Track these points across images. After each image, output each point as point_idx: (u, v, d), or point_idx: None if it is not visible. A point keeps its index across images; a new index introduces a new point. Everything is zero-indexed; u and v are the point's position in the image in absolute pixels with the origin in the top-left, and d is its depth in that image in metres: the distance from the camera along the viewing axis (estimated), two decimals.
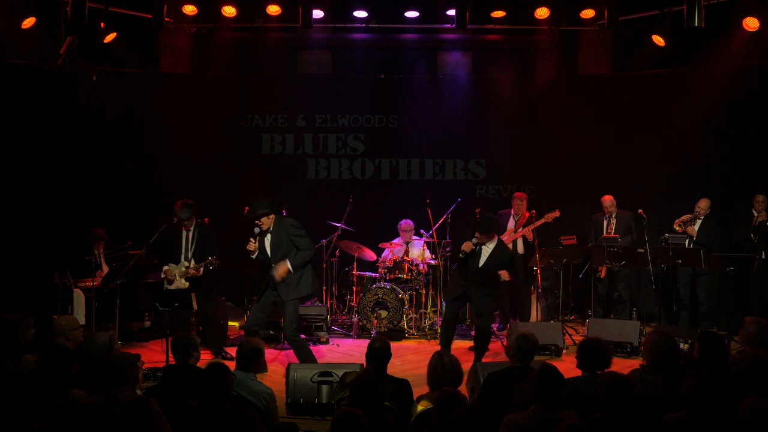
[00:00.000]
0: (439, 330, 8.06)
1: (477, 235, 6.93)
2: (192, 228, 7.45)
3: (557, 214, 8.54)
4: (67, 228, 8.96)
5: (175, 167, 9.59)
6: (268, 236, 6.67)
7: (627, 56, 9.76)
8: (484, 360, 6.89)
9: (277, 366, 7.12)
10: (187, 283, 7.31)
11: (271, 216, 6.62)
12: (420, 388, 5.05)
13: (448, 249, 8.76)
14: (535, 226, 8.48)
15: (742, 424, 3.45)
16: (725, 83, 8.93)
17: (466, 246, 6.89)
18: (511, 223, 8.92)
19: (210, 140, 9.91)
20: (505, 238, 8.75)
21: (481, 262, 6.97)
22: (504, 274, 7.08)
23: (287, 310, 6.61)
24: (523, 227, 8.71)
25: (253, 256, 6.68)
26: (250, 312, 6.98)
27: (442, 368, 4.49)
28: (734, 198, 9.04)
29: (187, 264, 7.31)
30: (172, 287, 7.32)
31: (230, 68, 10.05)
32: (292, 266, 6.56)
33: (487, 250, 7.00)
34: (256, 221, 6.59)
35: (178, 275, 7.29)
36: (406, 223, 9.17)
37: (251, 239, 6.64)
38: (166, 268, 7.37)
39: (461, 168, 10.39)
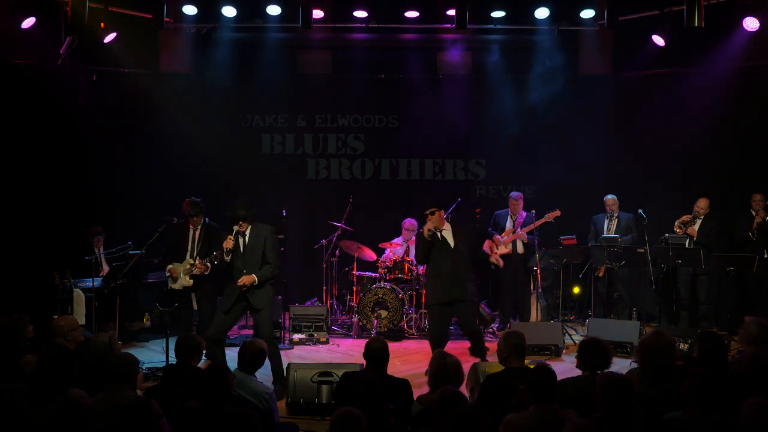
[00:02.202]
0: None
1: (431, 219, 6.70)
2: (199, 226, 7.44)
3: (558, 213, 8.53)
4: (67, 228, 8.96)
5: (175, 167, 9.59)
6: (245, 239, 6.41)
7: (627, 56, 9.76)
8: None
9: None
10: (192, 281, 7.28)
11: (249, 220, 6.38)
12: (420, 388, 5.06)
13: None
14: (536, 225, 8.48)
15: (745, 424, 3.45)
16: (725, 83, 8.93)
17: (426, 230, 6.69)
18: (509, 224, 8.91)
19: (210, 140, 9.92)
20: (504, 238, 8.76)
21: (452, 243, 6.79)
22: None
23: (262, 318, 6.40)
24: (522, 227, 8.71)
25: (227, 258, 6.37)
26: (216, 319, 6.49)
27: (445, 368, 4.48)
28: (734, 198, 9.05)
29: (192, 261, 7.28)
30: (176, 286, 7.30)
31: (230, 68, 10.04)
32: (258, 279, 6.32)
33: (448, 233, 6.83)
34: (237, 223, 6.31)
35: (182, 273, 7.27)
36: (409, 222, 9.16)
37: (230, 236, 6.33)
38: (170, 266, 7.35)
39: (461, 168, 10.40)
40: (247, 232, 6.41)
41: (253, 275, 6.31)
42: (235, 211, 6.32)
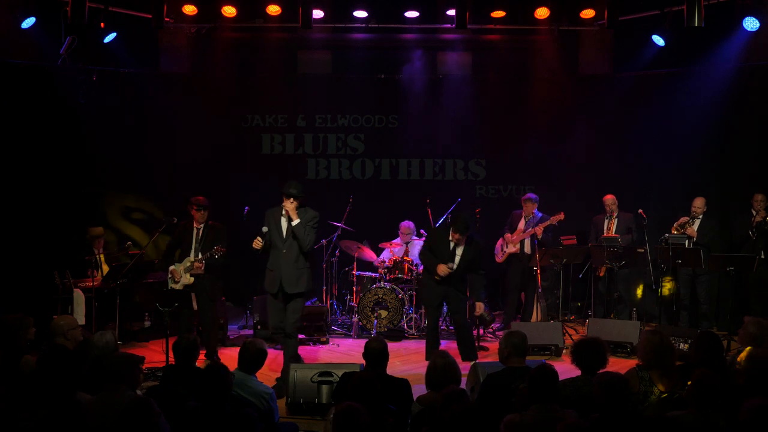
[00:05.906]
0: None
1: (455, 236, 7.07)
2: (202, 226, 7.44)
3: (562, 216, 8.52)
4: (67, 228, 8.96)
5: (175, 167, 9.60)
6: (287, 222, 6.52)
7: (627, 56, 9.77)
8: (484, 360, 6.90)
9: (277, 366, 7.10)
10: (192, 279, 7.27)
11: (299, 201, 6.48)
12: (420, 389, 5.05)
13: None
14: (543, 226, 8.48)
15: (746, 424, 3.44)
16: (725, 83, 8.94)
17: (442, 270, 7.11)
18: (522, 224, 8.88)
19: (210, 140, 9.91)
20: (514, 237, 8.76)
21: (455, 265, 7.17)
22: (479, 307, 7.31)
23: (295, 305, 6.56)
24: (527, 229, 8.71)
25: (259, 245, 6.47)
26: (275, 312, 6.66)
27: (434, 370, 4.53)
28: (733, 198, 9.05)
29: (192, 260, 7.28)
30: (178, 286, 7.31)
31: (230, 68, 10.05)
32: (299, 235, 6.43)
33: (459, 250, 7.18)
34: (289, 200, 6.40)
35: (183, 271, 7.28)
36: (406, 226, 9.17)
37: (258, 238, 6.48)
38: (172, 268, 7.35)
39: (461, 168, 10.40)
40: (294, 217, 6.46)
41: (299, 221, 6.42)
42: (288, 188, 6.43)
